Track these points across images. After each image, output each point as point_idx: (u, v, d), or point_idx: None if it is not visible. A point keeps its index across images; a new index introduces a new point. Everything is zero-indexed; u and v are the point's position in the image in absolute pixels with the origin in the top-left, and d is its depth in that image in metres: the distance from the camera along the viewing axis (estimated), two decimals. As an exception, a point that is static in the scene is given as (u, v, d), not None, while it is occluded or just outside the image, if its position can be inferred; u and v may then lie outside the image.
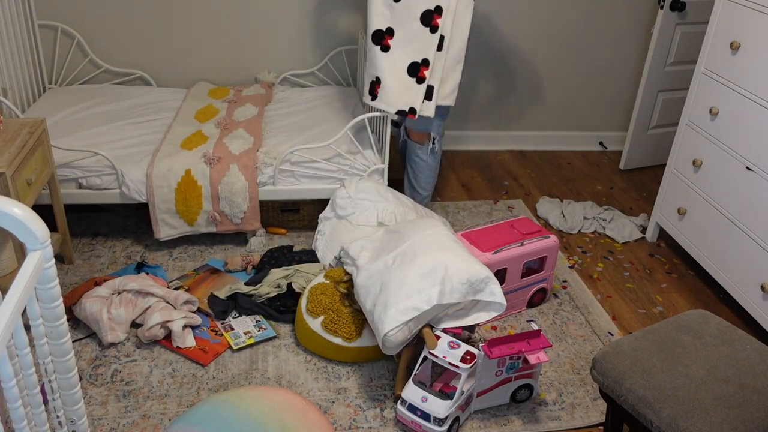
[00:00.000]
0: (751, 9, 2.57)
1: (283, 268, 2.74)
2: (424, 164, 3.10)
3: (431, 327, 2.29)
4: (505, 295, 2.64)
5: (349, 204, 2.85)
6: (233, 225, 2.94)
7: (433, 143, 3.06)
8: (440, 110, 2.96)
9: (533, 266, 2.77)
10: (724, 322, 2.00)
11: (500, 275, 2.59)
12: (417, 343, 2.30)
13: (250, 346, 2.46)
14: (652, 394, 1.75)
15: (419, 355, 2.27)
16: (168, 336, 2.45)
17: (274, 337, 2.50)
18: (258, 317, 2.57)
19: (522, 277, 2.66)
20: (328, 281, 2.53)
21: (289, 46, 3.73)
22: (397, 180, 3.40)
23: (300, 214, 3.16)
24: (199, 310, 2.61)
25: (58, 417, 1.66)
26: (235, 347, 2.44)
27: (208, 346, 2.44)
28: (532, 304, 2.76)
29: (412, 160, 3.13)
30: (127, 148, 2.97)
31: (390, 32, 2.70)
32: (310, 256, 2.87)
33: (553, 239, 2.68)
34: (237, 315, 2.59)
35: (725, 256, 2.77)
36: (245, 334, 2.49)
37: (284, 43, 3.72)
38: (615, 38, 3.98)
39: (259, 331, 2.50)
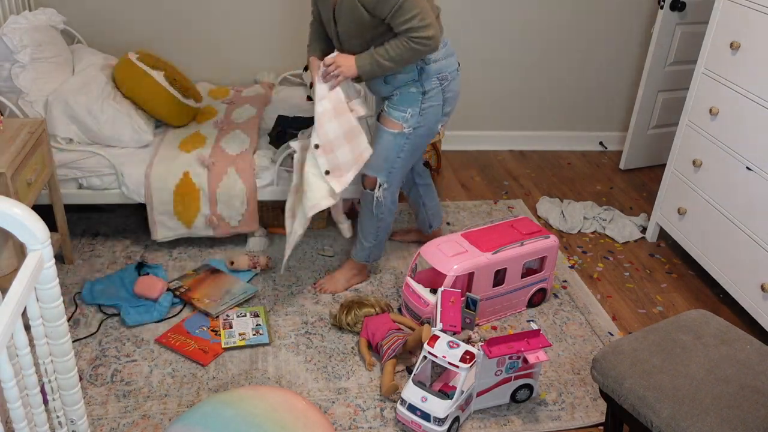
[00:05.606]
0: (751, 9, 2.57)
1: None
2: (365, 211, 2.71)
3: (429, 324, 2.30)
4: (505, 295, 2.65)
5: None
6: (231, 228, 2.94)
7: (378, 190, 2.62)
8: (388, 157, 2.56)
9: (533, 266, 2.77)
10: (724, 322, 2.01)
11: (500, 275, 2.59)
12: (402, 354, 2.39)
13: (240, 348, 2.46)
14: (652, 394, 1.75)
15: (410, 360, 2.28)
16: (168, 336, 2.45)
17: (267, 344, 2.49)
18: (260, 321, 2.57)
19: (522, 277, 2.66)
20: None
21: (289, 46, 3.73)
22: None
23: (300, 214, 3.16)
24: (198, 310, 2.61)
25: (58, 417, 1.66)
26: (224, 346, 2.44)
27: (208, 346, 2.44)
28: (532, 304, 2.76)
29: (360, 205, 2.77)
30: (127, 148, 2.97)
31: None
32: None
33: (552, 239, 2.68)
34: (242, 314, 2.59)
35: (725, 256, 2.77)
36: (240, 335, 2.49)
37: (284, 43, 3.72)
38: (615, 38, 3.98)
39: (254, 335, 2.50)
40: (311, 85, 3.49)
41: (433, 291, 2.53)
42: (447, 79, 2.51)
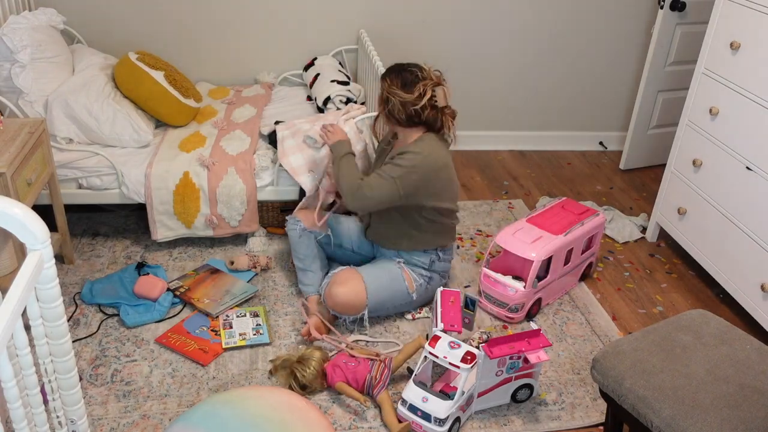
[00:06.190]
0: (751, 9, 2.57)
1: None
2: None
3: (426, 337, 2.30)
4: (569, 272, 2.82)
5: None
6: (230, 228, 2.94)
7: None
8: None
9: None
10: (724, 322, 2.00)
11: (568, 255, 2.73)
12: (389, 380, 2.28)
13: (240, 348, 2.46)
14: (652, 394, 1.75)
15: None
16: (178, 339, 2.45)
17: (267, 344, 2.48)
18: (260, 320, 2.57)
19: (581, 253, 2.85)
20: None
21: (289, 46, 3.73)
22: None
23: (300, 214, 3.16)
24: (198, 310, 2.61)
25: (58, 417, 1.66)
26: (225, 346, 2.44)
27: (208, 346, 2.44)
28: (583, 276, 2.96)
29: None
30: (127, 148, 2.97)
31: None
32: None
33: (601, 216, 2.86)
34: (242, 314, 2.59)
35: (725, 256, 2.77)
36: (240, 335, 2.49)
37: (284, 43, 3.72)
38: (615, 38, 3.98)
39: (254, 335, 2.50)
40: (311, 85, 3.50)
41: (515, 278, 2.63)
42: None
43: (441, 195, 2.50)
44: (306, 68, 3.68)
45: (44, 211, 2.90)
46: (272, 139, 3.01)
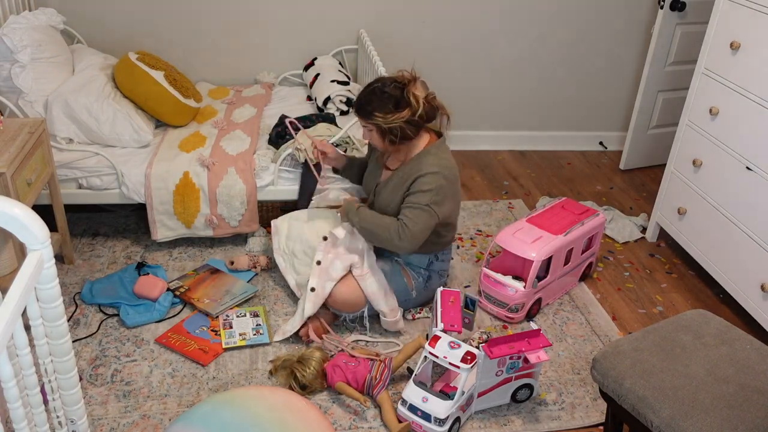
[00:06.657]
0: (751, 9, 2.57)
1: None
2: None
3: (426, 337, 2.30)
4: (570, 272, 2.81)
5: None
6: (231, 228, 2.94)
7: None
8: None
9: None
10: (724, 322, 2.00)
11: (568, 254, 2.74)
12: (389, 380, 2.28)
13: (240, 348, 2.46)
14: (652, 394, 1.75)
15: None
16: (177, 338, 2.45)
17: (267, 344, 2.48)
18: (260, 320, 2.57)
19: (581, 253, 2.85)
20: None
21: (289, 46, 3.73)
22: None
23: (300, 214, 3.16)
24: (198, 310, 2.61)
25: (58, 417, 1.66)
26: (225, 346, 2.44)
27: (208, 346, 2.44)
28: (583, 276, 2.96)
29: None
30: (127, 148, 2.97)
31: None
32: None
33: (601, 216, 2.86)
34: (242, 314, 2.59)
35: (725, 256, 2.77)
36: (240, 335, 2.49)
37: (284, 43, 3.72)
38: (615, 38, 3.98)
39: (254, 335, 2.50)
40: (311, 85, 3.50)
41: (515, 278, 2.63)
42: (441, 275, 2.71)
43: (454, 207, 2.52)
44: (306, 68, 3.69)
45: (44, 211, 2.90)
46: (272, 139, 3.01)
